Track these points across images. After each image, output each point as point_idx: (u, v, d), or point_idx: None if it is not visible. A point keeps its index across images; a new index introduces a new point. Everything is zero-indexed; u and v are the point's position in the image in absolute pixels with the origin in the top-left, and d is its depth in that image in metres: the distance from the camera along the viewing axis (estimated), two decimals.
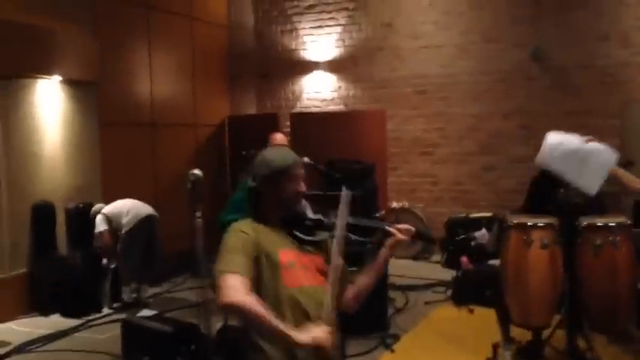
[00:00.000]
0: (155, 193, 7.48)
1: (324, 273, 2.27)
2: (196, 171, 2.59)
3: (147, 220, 6.13)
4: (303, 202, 4.16)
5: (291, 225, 2.33)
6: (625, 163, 4.64)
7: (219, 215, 3.87)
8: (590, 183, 3.86)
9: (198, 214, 2.46)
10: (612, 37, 7.22)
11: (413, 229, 2.37)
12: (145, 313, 4.74)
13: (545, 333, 4.35)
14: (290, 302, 2.16)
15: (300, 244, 2.32)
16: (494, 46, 7.76)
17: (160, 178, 7.72)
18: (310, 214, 2.41)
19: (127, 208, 6.13)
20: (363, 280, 2.38)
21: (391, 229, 2.34)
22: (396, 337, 4.97)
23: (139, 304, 6.08)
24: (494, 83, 7.82)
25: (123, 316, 5.08)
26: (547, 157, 4.00)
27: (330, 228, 2.28)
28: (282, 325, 2.01)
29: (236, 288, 2.03)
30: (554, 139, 4.04)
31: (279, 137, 4.19)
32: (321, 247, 2.37)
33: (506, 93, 7.77)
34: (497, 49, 7.75)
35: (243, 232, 2.22)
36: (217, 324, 4.91)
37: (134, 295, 6.23)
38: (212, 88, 8.92)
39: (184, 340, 4.26)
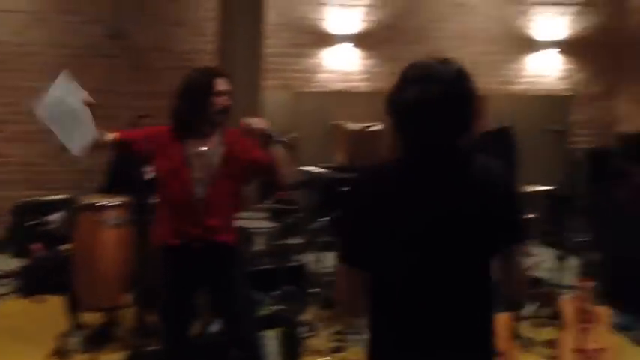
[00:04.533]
0: None
1: None
2: None
3: None
4: None
5: None
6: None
7: None
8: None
9: None
10: (187, 24, 7.56)
11: None
12: None
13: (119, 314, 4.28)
14: None
15: None
16: (71, 18, 7.30)
17: None
18: None
19: None
20: None
21: None
22: None
23: None
24: (69, 58, 7.31)
25: None
26: None
27: None
28: None
29: None
30: None
31: None
32: None
33: (82, 69, 7.30)
34: (74, 21, 7.31)
35: None
36: None
37: None
38: None
39: None
